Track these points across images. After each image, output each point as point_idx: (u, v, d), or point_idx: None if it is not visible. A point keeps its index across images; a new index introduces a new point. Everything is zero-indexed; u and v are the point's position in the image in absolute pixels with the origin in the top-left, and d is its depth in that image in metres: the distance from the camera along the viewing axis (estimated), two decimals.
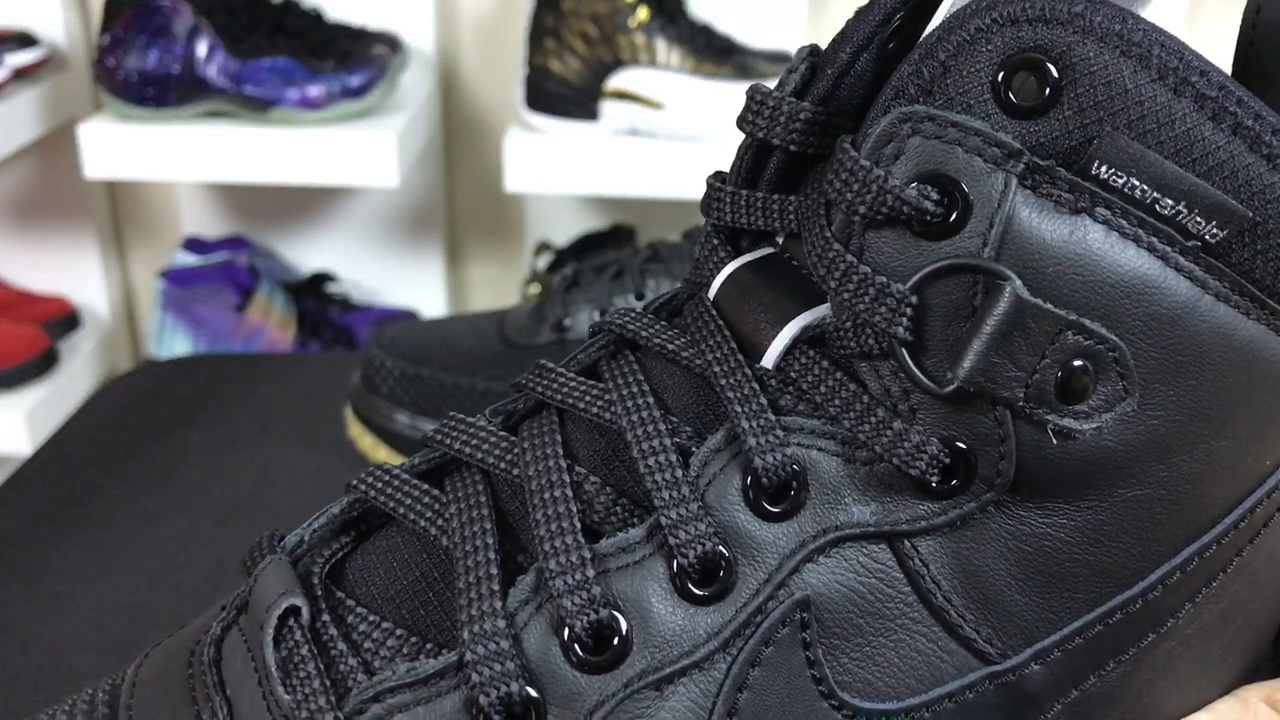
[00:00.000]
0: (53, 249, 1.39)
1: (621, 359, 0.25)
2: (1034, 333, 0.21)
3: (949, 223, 0.21)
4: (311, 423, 0.65)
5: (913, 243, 0.22)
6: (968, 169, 0.21)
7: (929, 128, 0.22)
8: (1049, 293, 0.21)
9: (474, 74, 1.37)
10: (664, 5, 1.13)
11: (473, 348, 0.58)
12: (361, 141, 1.09)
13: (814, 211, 0.23)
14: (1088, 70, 0.21)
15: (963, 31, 0.22)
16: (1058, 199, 0.21)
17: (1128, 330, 0.21)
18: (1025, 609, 0.23)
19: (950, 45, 0.22)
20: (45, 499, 0.57)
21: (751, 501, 0.22)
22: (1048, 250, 0.21)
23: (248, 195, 1.37)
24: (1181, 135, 0.22)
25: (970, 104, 0.22)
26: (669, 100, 1.11)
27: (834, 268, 0.22)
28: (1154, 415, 0.22)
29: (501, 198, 1.42)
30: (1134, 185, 0.22)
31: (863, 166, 0.22)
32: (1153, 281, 0.21)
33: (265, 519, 0.55)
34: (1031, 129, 0.22)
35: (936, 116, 0.22)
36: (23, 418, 1.19)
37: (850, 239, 0.22)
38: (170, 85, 1.09)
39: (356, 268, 1.40)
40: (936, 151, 0.22)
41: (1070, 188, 0.21)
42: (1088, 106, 0.22)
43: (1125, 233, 0.21)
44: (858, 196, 0.22)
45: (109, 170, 1.11)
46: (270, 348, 1.25)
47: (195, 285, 1.25)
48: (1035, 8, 0.21)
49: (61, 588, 0.50)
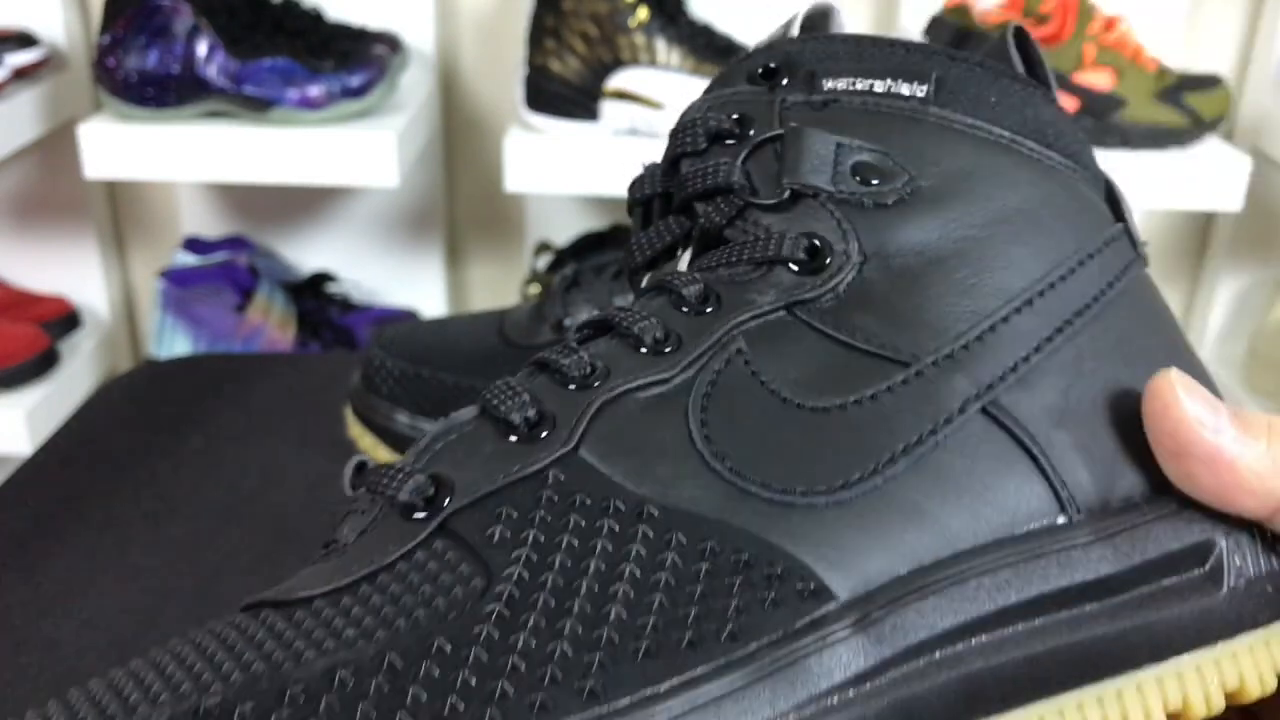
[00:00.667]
0: (53, 249, 1.39)
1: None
2: (819, 147, 0.32)
3: (744, 133, 0.33)
4: (311, 423, 0.65)
5: (730, 146, 0.33)
6: (751, 106, 0.34)
7: (720, 96, 0.35)
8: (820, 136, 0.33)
9: (474, 74, 1.37)
10: (664, 5, 1.13)
11: (473, 348, 0.58)
12: (361, 141, 1.09)
13: None
14: (798, 53, 0.34)
15: (725, 71, 0.36)
16: (810, 105, 0.33)
17: (887, 140, 0.32)
18: (923, 333, 0.30)
19: (719, 76, 0.37)
20: (45, 499, 0.57)
21: (681, 309, 0.31)
22: (812, 129, 0.32)
23: (248, 195, 1.37)
24: (866, 55, 0.34)
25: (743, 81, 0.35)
26: (669, 100, 1.11)
27: (693, 178, 0.33)
28: (930, 187, 0.31)
29: (501, 198, 1.42)
30: (852, 82, 0.33)
31: (690, 119, 0.34)
32: (896, 112, 0.33)
33: (265, 519, 0.55)
34: (780, 86, 0.34)
35: (723, 91, 0.35)
36: (23, 418, 1.19)
37: (696, 162, 0.34)
38: (170, 85, 1.09)
39: (356, 268, 1.40)
40: (727, 103, 0.34)
41: (813, 97, 0.33)
42: (807, 66, 0.34)
43: (868, 106, 0.33)
44: (690, 134, 0.34)
45: (109, 170, 1.11)
46: (270, 348, 1.25)
47: (195, 285, 1.25)
48: (768, 46, 0.35)
49: (61, 587, 0.50)
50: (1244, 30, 1.35)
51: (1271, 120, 1.28)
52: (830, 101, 0.33)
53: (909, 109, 0.33)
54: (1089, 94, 1.14)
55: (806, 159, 0.32)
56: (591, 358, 0.30)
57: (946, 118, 0.33)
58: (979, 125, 0.33)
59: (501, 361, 0.57)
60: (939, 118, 0.33)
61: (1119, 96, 1.14)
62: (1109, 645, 0.28)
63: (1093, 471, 0.30)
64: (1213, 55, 1.36)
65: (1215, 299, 1.40)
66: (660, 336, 0.30)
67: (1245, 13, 1.34)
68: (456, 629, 0.25)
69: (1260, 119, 1.31)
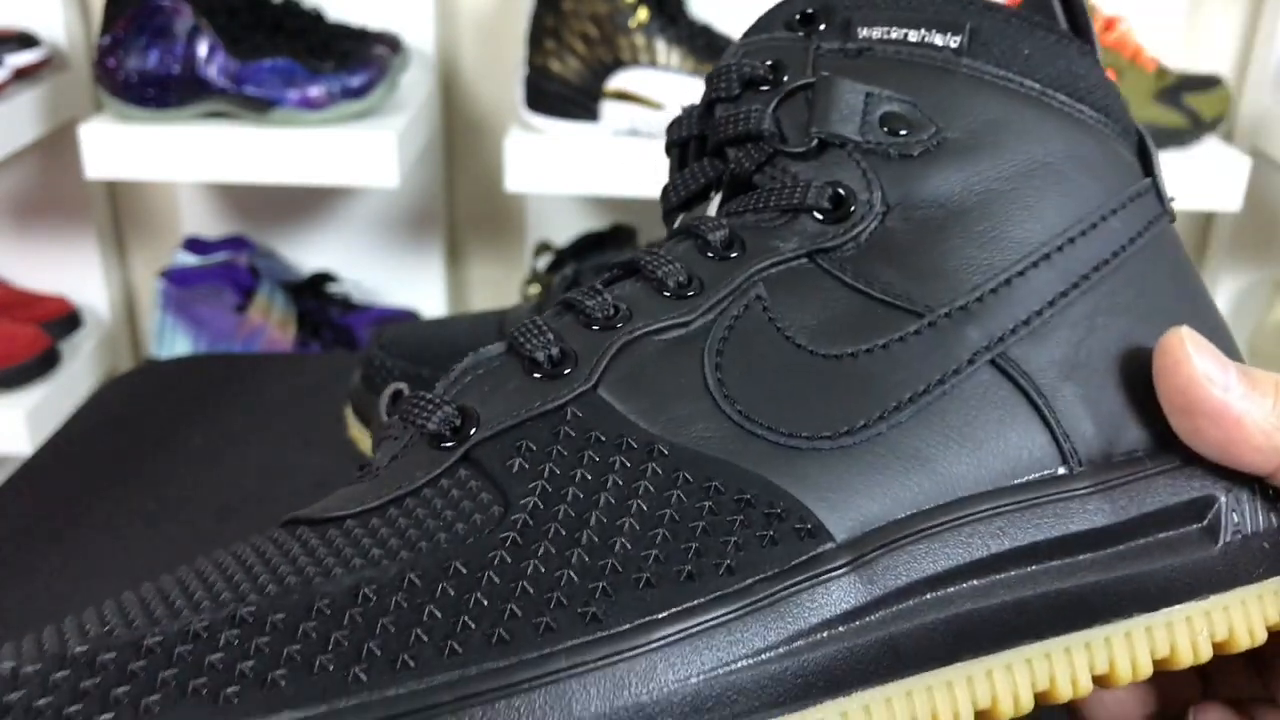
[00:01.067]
0: (53, 249, 1.39)
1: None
2: (849, 96, 0.32)
3: (777, 79, 0.34)
4: (312, 422, 0.65)
5: (763, 93, 0.34)
6: (785, 52, 0.34)
7: (755, 42, 0.35)
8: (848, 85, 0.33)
9: (474, 74, 1.38)
10: (664, 6, 1.13)
11: (473, 347, 0.58)
12: (362, 142, 1.09)
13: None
14: (836, 3, 0.34)
15: (763, 16, 0.36)
16: (844, 52, 0.34)
17: (917, 91, 0.32)
18: (940, 284, 0.31)
19: (757, 22, 0.36)
20: (45, 499, 0.57)
21: (705, 254, 0.32)
22: (846, 77, 0.33)
23: (248, 195, 1.37)
24: (904, 3, 0.34)
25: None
26: (669, 101, 1.11)
27: (726, 123, 0.34)
28: (957, 139, 0.32)
29: (502, 198, 1.42)
30: (886, 31, 0.33)
31: (724, 65, 0.35)
32: (929, 64, 0.33)
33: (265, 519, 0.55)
34: (816, 33, 0.34)
35: (758, 37, 0.35)
36: (23, 418, 1.19)
37: (729, 108, 0.34)
38: (171, 86, 1.09)
39: (357, 268, 1.40)
40: (762, 49, 0.35)
41: (848, 45, 0.34)
42: (843, 13, 0.34)
43: (901, 56, 0.33)
44: (724, 80, 0.35)
45: (109, 170, 1.11)
46: (271, 348, 1.25)
47: (196, 285, 1.25)
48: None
49: (61, 587, 0.50)
50: (1243, 30, 1.35)
51: (1271, 120, 1.28)
52: (864, 50, 0.34)
53: (941, 59, 0.33)
54: None
55: (836, 108, 0.32)
56: (615, 299, 0.31)
57: (978, 69, 0.33)
58: (1010, 77, 0.33)
59: None
60: (970, 69, 0.33)
61: None
62: (1100, 594, 0.29)
63: (1098, 424, 0.30)
64: (1212, 56, 1.36)
65: (1215, 298, 1.40)
66: (683, 280, 0.31)
67: (1245, 13, 1.34)
68: (473, 552, 0.26)
69: (1259, 119, 1.31)
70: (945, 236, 0.31)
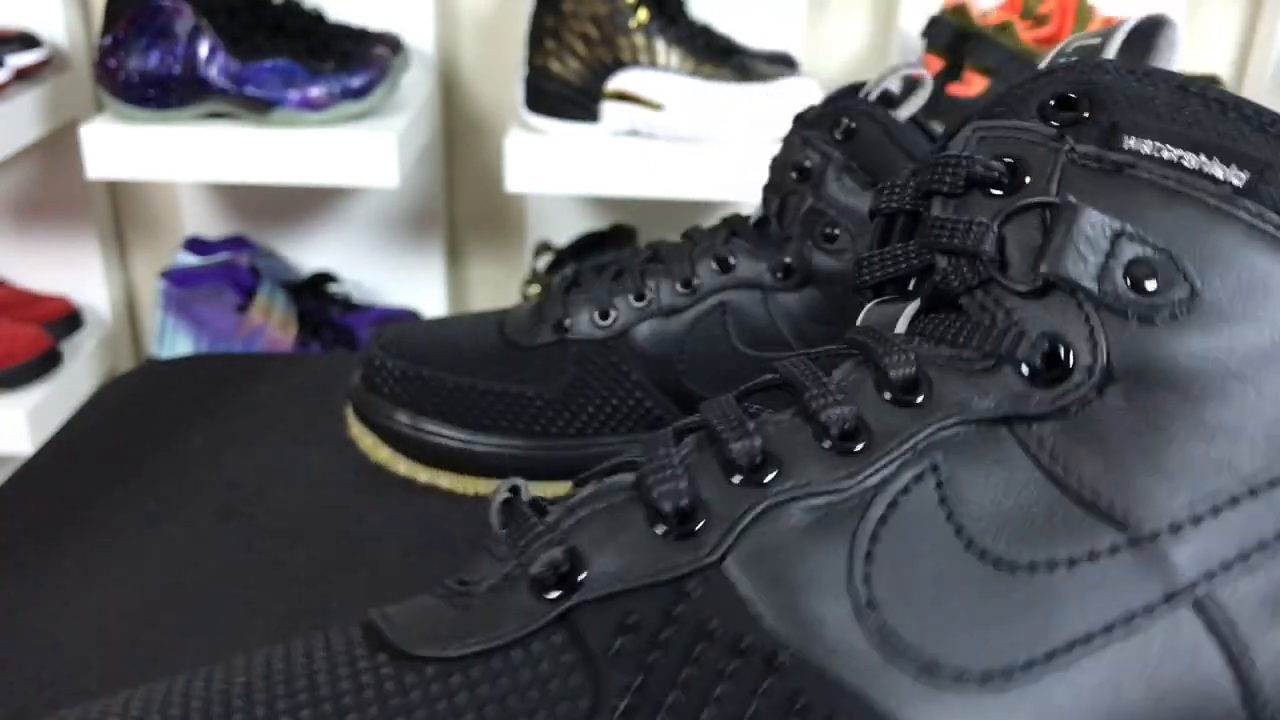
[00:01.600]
0: (54, 249, 1.39)
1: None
2: (1094, 233, 0.26)
3: (1013, 184, 0.28)
4: (312, 422, 0.65)
5: (992, 199, 0.28)
6: (1028, 149, 0.28)
7: (996, 128, 0.29)
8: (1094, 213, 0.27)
9: (474, 75, 1.38)
10: (664, 6, 1.13)
11: (473, 347, 0.58)
12: (362, 142, 1.09)
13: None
14: (1106, 88, 0.28)
15: (1016, 89, 0.29)
16: (1101, 162, 0.27)
17: (1177, 235, 0.26)
18: (1153, 490, 0.25)
19: (1005, 96, 0.29)
20: (46, 498, 0.57)
21: (881, 391, 0.27)
22: (1097, 198, 0.26)
23: (249, 196, 1.37)
24: (1189, 114, 0.27)
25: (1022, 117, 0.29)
26: (669, 101, 1.11)
27: (940, 228, 0.29)
28: (1213, 301, 0.25)
29: (502, 198, 1.42)
30: (1159, 147, 0.27)
31: (952, 155, 0.29)
32: (1201, 218, 0.26)
33: (266, 518, 0.55)
34: (1072, 128, 0.28)
35: (1000, 124, 0.29)
36: (24, 417, 1.19)
37: (949, 207, 0.29)
38: (171, 86, 1.09)
39: (357, 268, 1.40)
40: (1001, 140, 0.29)
41: (1107, 155, 0.27)
42: (1111, 110, 0.27)
43: (1168, 184, 0.26)
44: (949, 173, 0.29)
45: (111, 170, 1.11)
46: (271, 348, 1.25)
47: (196, 285, 1.25)
48: (1071, 69, 0.29)
49: (62, 587, 0.51)
50: (1242, 31, 1.35)
51: None
52: (1125, 167, 0.27)
53: (1216, 197, 0.26)
54: None
55: (1074, 243, 0.26)
56: (765, 442, 0.27)
57: (1260, 216, 0.26)
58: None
59: (502, 361, 0.57)
60: (1251, 215, 0.26)
61: None
62: None
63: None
64: (1211, 56, 1.36)
65: None
66: (850, 429, 0.27)
67: (1243, 13, 1.34)
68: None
69: None
70: (1171, 427, 0.25)
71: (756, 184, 0.57)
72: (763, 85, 1.12)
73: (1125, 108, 0.27)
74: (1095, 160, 0.27)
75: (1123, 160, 0.27)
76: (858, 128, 0.51)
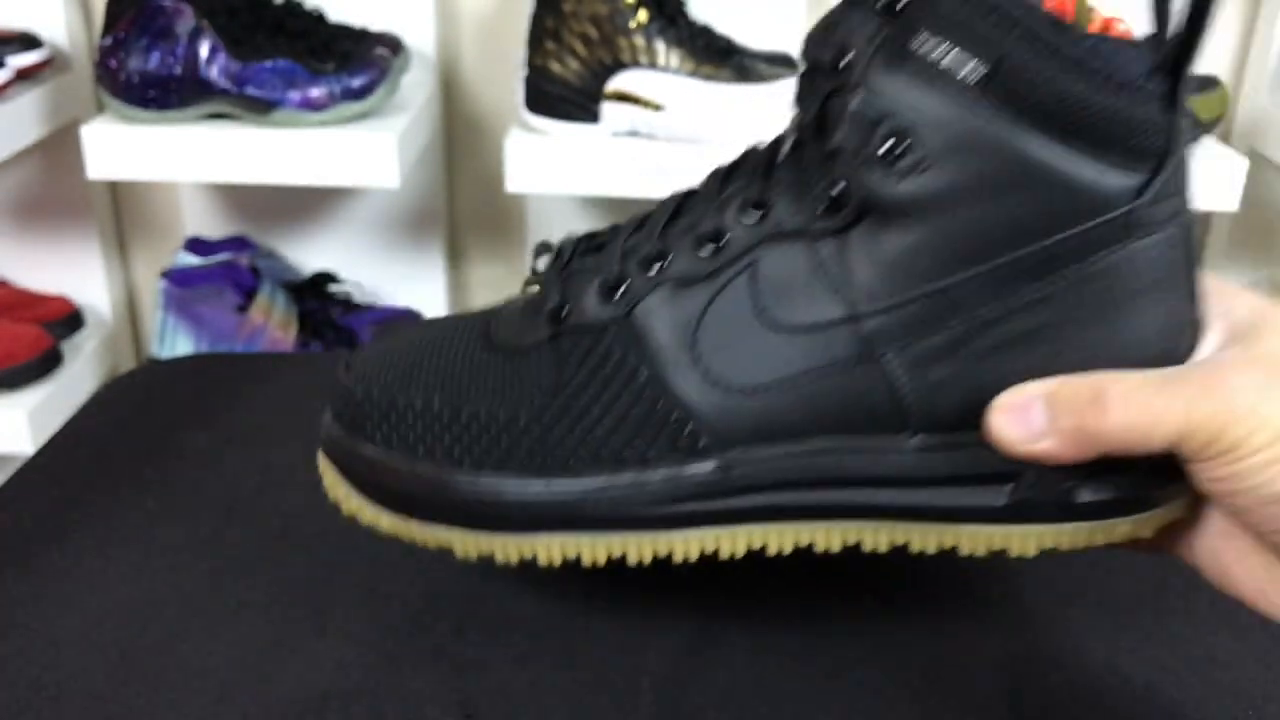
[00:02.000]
0: (55, 249, 1.39)
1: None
2: (866, 120, 0.37)
3: (842, 65, 0.38)
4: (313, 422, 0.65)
5: (827, 77, 0.39)
6: (856, 39, 0.38)
7: (841, 23, 0.39)
8: (880, 104, 0.37)
9: (474, 75, 1.38)
10: (664, 7, 1.14)
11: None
12: (362, 142, 1.09)
13: None
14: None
15: None
16: (894, 57, 0.37)
17: (925, 124, 0.36)
18: (879, 286, 0.38)
19: None
20: (47, 498, 0.58)
21: (741, 211, 0.41)
22: (883, 85, 0.37)
23: (249, 196, 1.37)
24: (963, 21, 0.36)
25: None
26: (669, 102, 1.11)
27: (799, 96, 0.41)
28: (949, 175, 0.37)
29: (502, 198, 1.42)
30: (929, 49, 0.36)
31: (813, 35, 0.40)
32: (941, 98, 0.36)
33: (267, 518, 0.56)
34: (889, 26, 0.37)
35: (845, 18, 0.39)
36: (25, 417, 1.20)
37: (804, 80, 0.41)
38: (172, 87, 1.09)
39: (358, 268, 1.41)
40: (841, 27, 0.39)
41: (899, 53, 0.37)
42: (918, 14, 0.36)
43: (929, 75, 0.36)
44: (810, 52, 0.40)
45: (112, 171, 1.11)
46: (272, 348, 1.26)
47: (197, 285, 1.25)
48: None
49: (63, 586, 0.51)
50: (1241, 32, 1.35)
51: (1268, 121, 1.29)
52: (909, 58, 0.37)
53: (958, 88, 0.38)
54: None
55: (851, 121, 0.38)
56: (664, 243, 0.44)
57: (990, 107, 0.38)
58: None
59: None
60: (976, 109, 0.38)
61: None
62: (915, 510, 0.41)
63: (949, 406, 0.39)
64: (1210, 56, 1.36)
65: None
66: (714, 233, 0.42)
67: (1242, 14, 1.34)
68: None
69: (1257, 120, 1.31)
70: (892, 245, 0.38)
71: None
72: (763, 86, 1.12)
73: (921, 7, 0.36)
74: (889, 57, 0.37)
75: (905, 58, 0.36)
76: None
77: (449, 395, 0.43)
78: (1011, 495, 0.39)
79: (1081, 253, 0.37)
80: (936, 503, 0.40)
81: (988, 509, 0.40)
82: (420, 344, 0.47)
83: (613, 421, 0.41)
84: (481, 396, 0.43)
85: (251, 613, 0.49)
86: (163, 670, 0.46)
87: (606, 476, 0.41)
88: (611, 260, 0.42)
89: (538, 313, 0.43)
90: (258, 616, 0.49)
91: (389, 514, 0.44)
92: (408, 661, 0.47)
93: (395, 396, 0.44)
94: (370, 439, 0.44)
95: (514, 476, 0.41)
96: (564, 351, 0.42)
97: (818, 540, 0.41)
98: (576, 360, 0.42)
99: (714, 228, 0.41)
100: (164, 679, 0.46)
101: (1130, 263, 0.37)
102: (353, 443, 0.45)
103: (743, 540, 0.41)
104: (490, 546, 0.42)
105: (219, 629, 0.48)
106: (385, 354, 0.47)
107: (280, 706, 0.44)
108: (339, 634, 0.48)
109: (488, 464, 0.41)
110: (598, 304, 0.42)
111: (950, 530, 0.40)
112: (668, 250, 0.41)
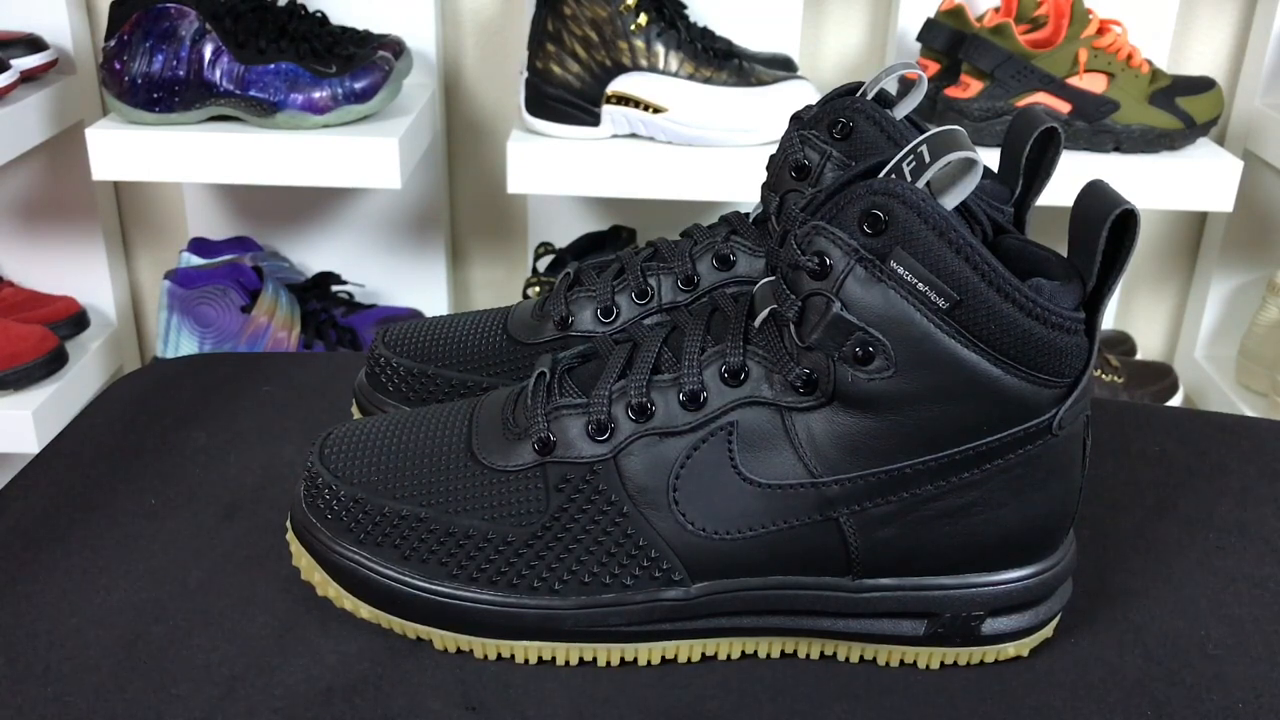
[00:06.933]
0: (60, 250, 1.40)
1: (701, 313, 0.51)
2: (843, 328, 0.43)
3: (823, 272, 0.43)
4: (316, 421, 0.66)
5: (807, 281, 0.43)
6: (835, 250, 0.42)
7: (822, 229, 0.43)
8: (856, 312, 0.42)
9: (476, 78, 1.39)
10: (664, 10, 1.14)
11: (477, 345, 0.59)
12: (365, 144, 1.10)
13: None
14: (899, 220, 0.41)
15: (844, 194, 0.43)
16: (872, 274, 0.42)
17: (894, 338, 0.42)
18: (840, 459, 0.45)
19: (839, 197, 0.43)
20: (51, 497, 0.58)
21: (722, 375, 0.46)
22: (860, 296, 0.42)
23: (253, 197, 1.38)
24: (931, 244, 0.41)
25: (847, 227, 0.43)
26: (669, 104, 1.12)
27: (779, 288, 0.45)
28: (910, 382, 0.43)
29: (503, 199, 1.43)
30: (906, 270, 0.41)
31: (797, 237, 0.44)
32: (912, 319, 0.42)
33: (269, 517, 0.56)
34: (869, 243, 0.42)
35: (828, 229, 0.43)
36: (30, 417, 1.20)
37: (787, 277, 0.45)
38: (176, 89, 1.10)
39: (360, 269, 1.41)
40: (823, 238, 0.43)
41: (878, 271, 0.42)
42: (893, 233, 0.42)
43: (903, 296, 0.42)
44: (788, 254, 0.44)
45: (116, 172, 1.12)
46: (275, 348, 1.26)
47: (201, 286, 1.26)
48: (881, 185, 0.42)
49: (67, 584, 0.51)
50: (1236, 34, 1.36)
51: (1262, 122, 1.29)
52: (885, 279, 0.42)
53: (929, 311, 0.43)
54: (1082, 97, 1.15)
55: (830, 326, 0.43)
56: (648, 397, 0.48)
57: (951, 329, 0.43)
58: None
59: (505, 359, 0.58)
60: (942, 328, 0.43)
61: (1112, 100, 1.15)
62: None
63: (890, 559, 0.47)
64: (1205, 58, 1.37)
65: (1207, 298, 1.41)
66: (696, 394, 0.47)
67: (1237, 17, 1.35)
68: None
69: (1251, 121, 1.32)
70: (856, 429, 0.44)
71: (756, 185, 0.58)
72: (762, 88, 1.13)
73: (900, 234, 0.41)
74: (868, 273, 0.42)
75: (882, 276, 0.42)
76: (854, 126, 0.52)
77: (439, 509, 0.47)
78: (928, 628, 0.48)
79: (1011, 447, 0.44)
80: (868, 630, 0.48)
81: (909, 636, 0.48)
82: (400, 445, 0.50)
83: (599, 551, 0.46)
84: (472, 513, 0.47)
85: (255, 608, 0.50)
86: (168, 665, 0.47)
87: (588, 597, 0.47)
88: (600, 404, 0.47)
89: (520, 438, 0.48)
90: (261, 611, 0.50)
91: (369, 606, 0.48)
92: (410, 654, 0.48)
93: (383, 502, 0.48)
94: (356, 539, 0.47)
95: (501, 593, 0.47)
96: (552, 480, 0.47)
97: (760, 650, 0.49)
98: (567, 492, 0.47)
99: (694, 389, 0.45)
100: (169, 674, 0.46)
101: (1044, 456, 0.45)
102: (332, 536, 0.48)
103: (698, 649, 0.48)
104: (469, 645, 0.48)
105: (223, 624, 0.49)
106: (362, 448, 0.50)
107: (285, 700, 0.45)
108: (341, 628, 0.49)
109: (481, 579, 0.47)
110: (586, 443, 0.47)
111: (872, 647, 0.49)
112: (652, 404, 0.46)
